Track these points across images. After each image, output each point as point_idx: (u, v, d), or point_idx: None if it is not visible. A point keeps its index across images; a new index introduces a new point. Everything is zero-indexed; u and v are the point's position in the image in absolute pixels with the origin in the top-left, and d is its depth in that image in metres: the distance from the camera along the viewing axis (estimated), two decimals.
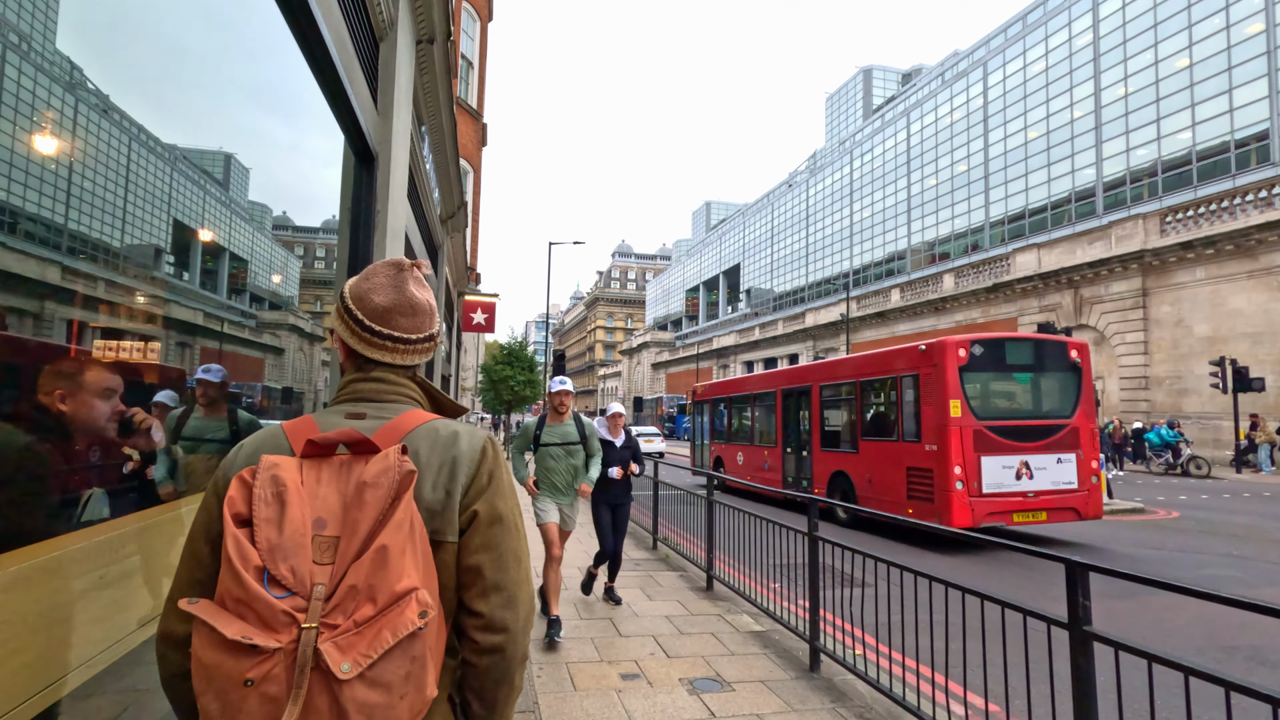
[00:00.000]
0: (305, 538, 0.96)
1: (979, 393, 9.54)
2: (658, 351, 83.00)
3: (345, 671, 0.89)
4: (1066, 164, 36.05)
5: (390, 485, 1.00)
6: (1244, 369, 19.63)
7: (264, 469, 1.01)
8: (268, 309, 2.79)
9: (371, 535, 0.97)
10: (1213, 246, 23.33)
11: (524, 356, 28.11)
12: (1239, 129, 28.27)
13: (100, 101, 1.45)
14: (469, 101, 13.99)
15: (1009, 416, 9.57)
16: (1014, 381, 10.00)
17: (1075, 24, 35.88)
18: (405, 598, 0.95)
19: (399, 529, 0.98)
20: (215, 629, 0.89)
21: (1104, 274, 27.07)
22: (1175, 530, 10.49)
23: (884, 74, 74.73)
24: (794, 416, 13.53)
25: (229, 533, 0.95)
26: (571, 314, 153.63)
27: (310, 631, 0.90)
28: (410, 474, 1.02)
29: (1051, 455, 9.37)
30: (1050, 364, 10.08)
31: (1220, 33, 28.88)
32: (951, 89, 45.17)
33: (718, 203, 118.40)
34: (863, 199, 53.86)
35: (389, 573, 0.95)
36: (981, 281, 33.36)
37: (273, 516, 0.97)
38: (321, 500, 1.01)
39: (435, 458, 1.13)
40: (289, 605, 0.91)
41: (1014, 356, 10.07)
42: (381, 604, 0.93)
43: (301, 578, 0.94)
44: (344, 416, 1.16)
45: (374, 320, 1.20)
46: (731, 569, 6.19)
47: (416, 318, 1.23)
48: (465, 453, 1.15)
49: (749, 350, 57.27)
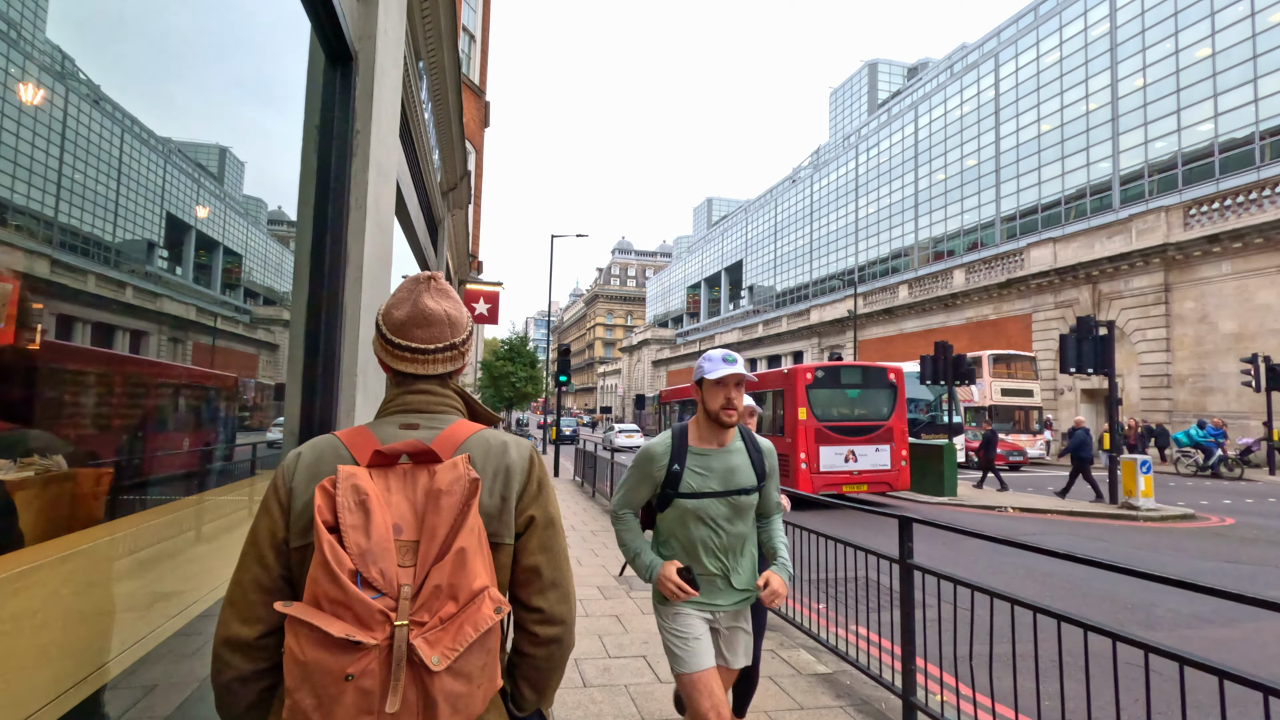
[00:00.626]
0: (390, 543, 1.02)
1: (820, 402, 13.34)
2: (658, 349, 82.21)
3: (436, 664, 0.97)
4: (1081, 157, 35.19)
5: (462, 492, 1.07)
6: (1278, 366, 18.82)
7: (344, 478, 1.06)
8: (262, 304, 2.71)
9: (450, 539, 1.04)
10: (1240, 240, 22.50)
11: (526, 352, 27.24)
12: (1264, 119, 27.42)
13: (91, 92, 1.34)
14: (470, 77, 13.11)
15: (841, 419, 13.40)
16: (846, 395, 13.78)
17: (1091, 13, 35.01)
18: (480, 595, 1.03)
19: (472, 533, 1.05)
20: (319, 628, 0.94)
21: (1124, 269, 26.24)
22: (1240, 540, 9.66)
23: (889, 67, 73.83)
24: None
25: (324, 538, 0.99)
26: (571, 311, 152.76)
27: (403, 628, 0.97)
28: (476, 482, 1.09)
29: (871, 446, 13.30)
30: (873, 383, 13.95)
31: (1245, 20, 28.02)
32: (961, 81, 44.29)
33: (719, 199, 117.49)
34: (868, 194, 53.00)
35: (467, 573, 1.02)
36: (994, 277, 32.51)
37: (359, 523, 1.02)
38: (394, 507, 1.07)
39: (490, 466, 1.19)
40: (382, 605, 0.97)
41: (847, 378, 13.92)
42: (463, 601, 1.01)
43: (390, 579, 1.00)
44: (399, 428, 1.22)
45: (394, 333, 1.26)
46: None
47: (432, 328, 1.26)
48: (516, 462, 1.23)
49: (752, 347, 56.41)
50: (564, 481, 16.93)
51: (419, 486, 1.08)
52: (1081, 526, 10.89)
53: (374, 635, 0.95)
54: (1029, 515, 12.05)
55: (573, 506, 12.01)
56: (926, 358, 17.05)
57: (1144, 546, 9.10)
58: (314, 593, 0.98)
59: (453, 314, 1.28)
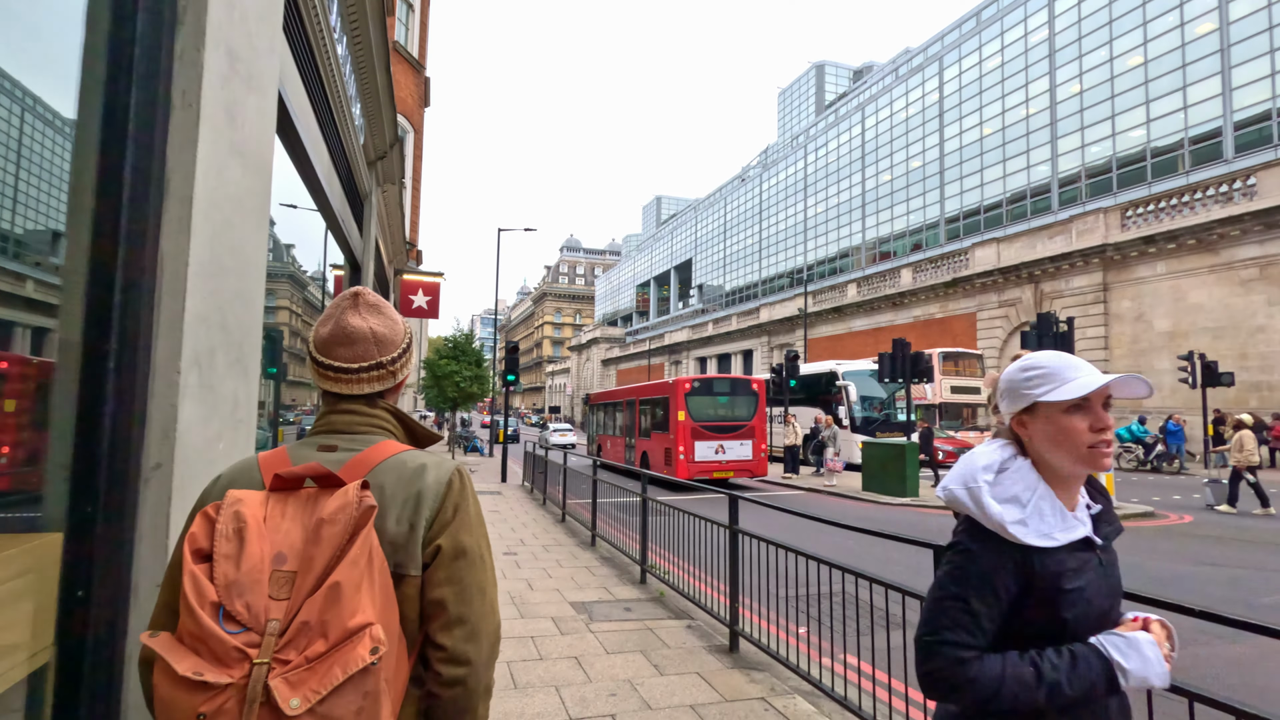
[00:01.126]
0: (263, 574, 0.97)
1: (696, 406, 16.50)
2: (608, 348, 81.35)
3: (294, 708, 0.90)
4: (1021, 160, 36.11)
5: (348, 521, 1.00)
6: (1213, 363, 19.37)
7: (227, 505, 1.02)
8: None
9: (326, 571, 0.98)
10: (1174, 241, 23.23)
11: (471, 350, 25.97)
12: (1192, 126, 28.54)
13: None
14: (408, 49, 12.02)
15: (713, 419, 16.58)
16: (717, 401, 16.97)
17: (1031, 19, 35.94)
18: (358, 634, 0.95)
19: (354, 565, 0.98)
20: (170, 664, 0.91)
21: (1065, 268, 26.86)
22: (1209, 539, 9.53)
23: (836, 70, 74.88)
24: (629, 417, 20.39)
25: (187, 569, 0.96)
26: (519, 309, 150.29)
27: (261, 667, 0.91)
28: (369, 509, 1.02)
29: (737, 441, 16.58)
30: (739, 391, 17.25)
31: (1174, 30, 29.12)
32: (906, 84, 45.01)
33: (668, 197, 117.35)
34: (816, 194, 53.46)
35: (341, 609, 0.95)
36: (940, 276, 32.98)
37: (231, 553, 0.98)
38: (284, 535, 1.01)
39: (401, 491, 1.13)
40: (242, 641, 0.93)
41: (718, 387, 17.32)
42: (333, 640, 0.94)
43: (256, 613, 0.95)
44: (316, 449, 1.17)
45: (319, 351, 1.22)
46: (755, 614, 4.66)
47: (355, 346, 1.21)
48: (430, 486, 1.15)
49: (702, 346, 56.20)
50: (512, 487, 15.95)
51: (315, 513, 1.03)
52: None
53: (229, 673, 0.91)
54: None
55: (521, 516, 11.09)
56: (885, 355, 16.78)
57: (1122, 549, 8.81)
58: (180, 626, 0.95)
59: (380, 331, 1.23)
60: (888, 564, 7.34)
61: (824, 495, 15.04)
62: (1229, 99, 27.33)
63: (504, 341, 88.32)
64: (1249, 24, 26.78)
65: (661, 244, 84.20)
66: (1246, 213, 21.26)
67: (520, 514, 11.37)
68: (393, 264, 10.65)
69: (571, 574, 7.05)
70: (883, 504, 13.24)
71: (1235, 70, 27.26)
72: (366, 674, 0.94)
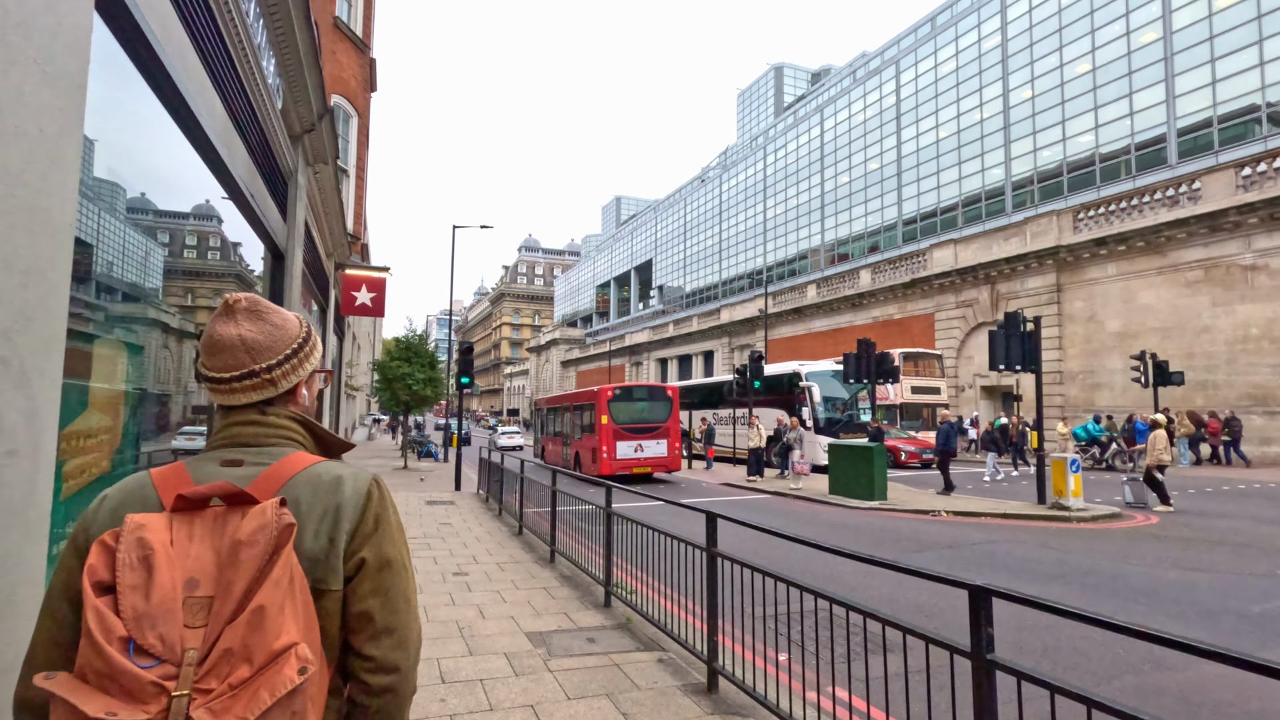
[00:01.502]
0: (175, 603, 0.94)
1: (617, 411, 18.87)
2: (567, 349, 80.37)
3: None
4: (976, 163, 36.73)
5: (268, 542, 0.96)
6: (1164, 363, 19.77)
7: (129, 531, 0.96)
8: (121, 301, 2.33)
9: (248, 595, 0.94)
10: (1125, 243, 23.74)
11: (424, 351, 24.87)
12: (1139, 132, 29.34)
13: None
14: (352, 26, 11.17)
15: (632, 422, 18.91)
16: (636, 404, 19.36)
17: (984, 25, 36.59)
18: (284, 655, 0.93)
19: (277, 586, 0.95)
20: (76, 707, 0.86)
21: (1020, 269, 27.28)
22: (1180, 541, 9.39)
23: (795, 72, 75.50)
24: (566, 421, 22.55)
25: (89, 604, 0.91)
26: (476, 310, 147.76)
27: (181, 699, 0.88)
28: (289, 528, 0.99)
29: (653, 440, 18.93)
30: (656, 398, 19.79)
31: (1120, 39, 29.91)
32: (864, 87, 45.46)
33: (628, 198, 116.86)
34: (776, 196, 53.64)
35: (266, 632, 0.92)
36: (899, 277, 33.24)
37: (139, 583, 0.93)
38: (194, 559, 0.97)
39: (317, 505, 1.10)
40: (157, 674, 0.89)
41: (637, 394, 19.84)
42: (259, 664, 0.91)
43: (171, 644, 0.91)
44: (219, 465, 1.12)
45: (200, 360, 1.19)
46: (732, 639, 4.12)
47: (224, 355, 1.15)
48: (349, 498, 1.13)
49: (663, 347, 55.83)
50: (467, 495, 15.13)
51: (227, 534, 0.98)
52: (1022, 531, 10.42)
53: (146, 709, 0.86)
54: (964, 520, 11.54)
55: (475, 529, 10.35)
56: (850, 355, 16.54)
57: (1096, 554, 8.59)
58: (80, 664, 0.90)
59: (253, 338, 1.17)
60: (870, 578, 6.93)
61: (791, 499, 14.67)
62: (1173, 106, 28.17)
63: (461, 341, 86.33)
64: (1191, 33, 27.65)
65: (621, 244, 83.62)
66: (1192, 216, 21.82)
67: (474, 526, 10.62)
68: (333, 257, 9.80)
69: (529, 597, 6.39)
70: (851, 508, 12.91)
71: (1179, 78, 28.13)
72: (295, 694, 0.91)
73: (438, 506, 12.83)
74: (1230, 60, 26.70)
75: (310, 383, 1.29)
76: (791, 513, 12.64)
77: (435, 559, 8.09)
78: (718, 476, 20.07)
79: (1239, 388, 20.67)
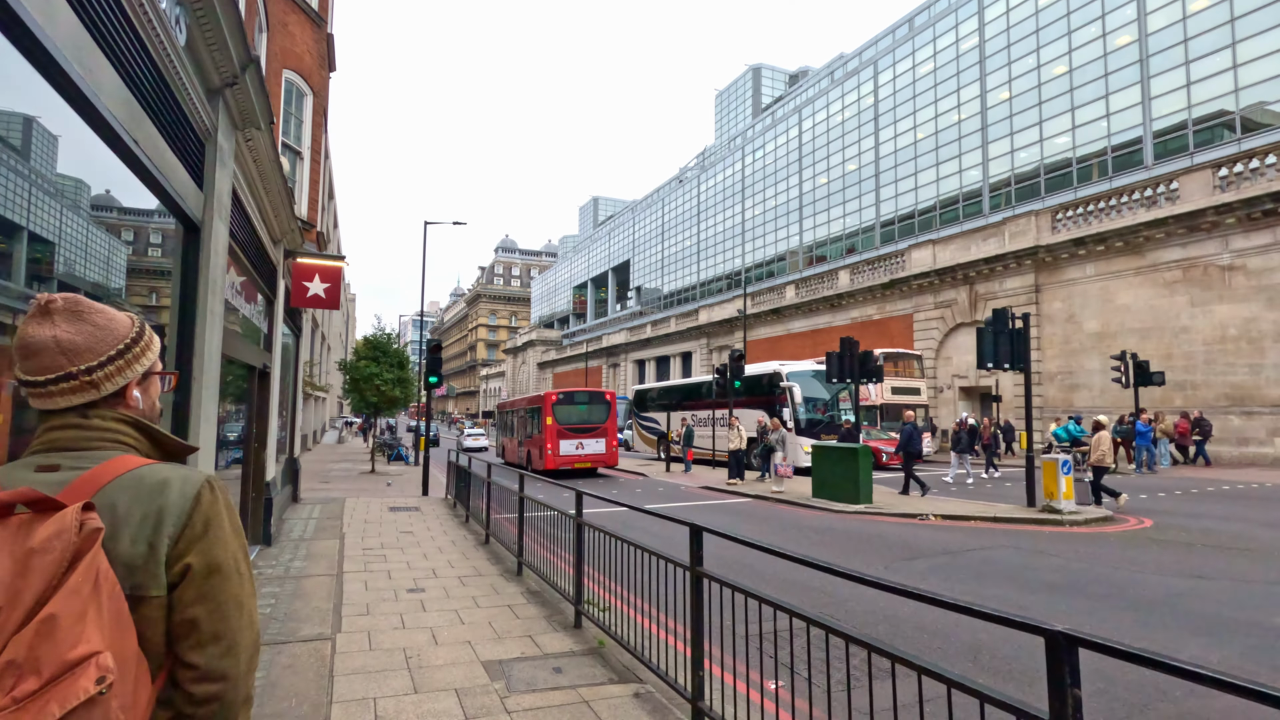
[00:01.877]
0: None
1: (561, 413, 21.52)
2: (544, 350, 79.41)
3: None
4: (954, 164, 36.73)
5: (64, 549, 0.93)
6: (1145, 363, 19.63)
7: None
8: None
9: (38, 604, 0.91)
10: (1103, 243, 23.67)
11: (392, 351, 23.95)
12: (1115, 134, 29.46)
13: None
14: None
15: (574, 422, 21.56)
16: (578, 407, 21.96)
17: (962, 26, 36.64)
18: (81, 665, 0.89)
19: (75, 594, 0.92)
20: None
21: (999, 270, 27.15)
22: (1178, 545, 9.01)
23: (773, 73, 75.50)
24: (519, 422, 25.08)
25: None
26: (452, 311, 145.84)
27: None
28: (94, 533, 0.96)
29: (593, 439, 21.69)
30: (596, 401, 22.37)
31: (1096, 41, 30.03)
32: (842, 88, 45.37)
33: (605, 198, 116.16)
34: (754, 197, 53.39)
35: (58, 642, 0.89)
36: (878, 278, 33.01)
37: None
38: None
39: (137, 509, 1.06)
40: None
41: (579, 398, 22.29)
42: (48, 675, 0.87)
43: None
44: (34, 470, 1.09)
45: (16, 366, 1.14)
46: (716, 664, 3.51)
47: (38, 358, 1.10)
48: (174, 501, 1.08)
49: (641, 349, 55.23)
50: (434, 500, 14.35)
51: (26, 542, 0.94)
52: (1014, 535, 9.97)
53: None
54: (953, 524, 11.08)
55: (438, 539, 9.61)
56: (833, 354, 16.06)
57: (1097, 560, 8.15)
58: None
59: (69, 339, 1.11)
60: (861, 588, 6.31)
61: (774, 503, 14.12)
62: (1148, 108, 28.31)
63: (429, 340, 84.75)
64: (1166, 36, 27.82)
65: (599, 245, 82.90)
66: (1170, 216, 21.78)
67: (438, 535, 9.88)
68: (281, 244, 9.01)
69: (490, 617, 5.71)
70: (837, 512, 12.40)
71: (1154, 80, 28.28)
72: (93, 705, 0.88)
73: (401, 513, 12.06)
74: (1204, 63, 26.89)
75: (147, 385, 1.24)
76: (775, 518, 12.08)
77: (390, 573, 7.36)
78: (697, 480, 19.47)
79: (1217, 388, 20.64)
